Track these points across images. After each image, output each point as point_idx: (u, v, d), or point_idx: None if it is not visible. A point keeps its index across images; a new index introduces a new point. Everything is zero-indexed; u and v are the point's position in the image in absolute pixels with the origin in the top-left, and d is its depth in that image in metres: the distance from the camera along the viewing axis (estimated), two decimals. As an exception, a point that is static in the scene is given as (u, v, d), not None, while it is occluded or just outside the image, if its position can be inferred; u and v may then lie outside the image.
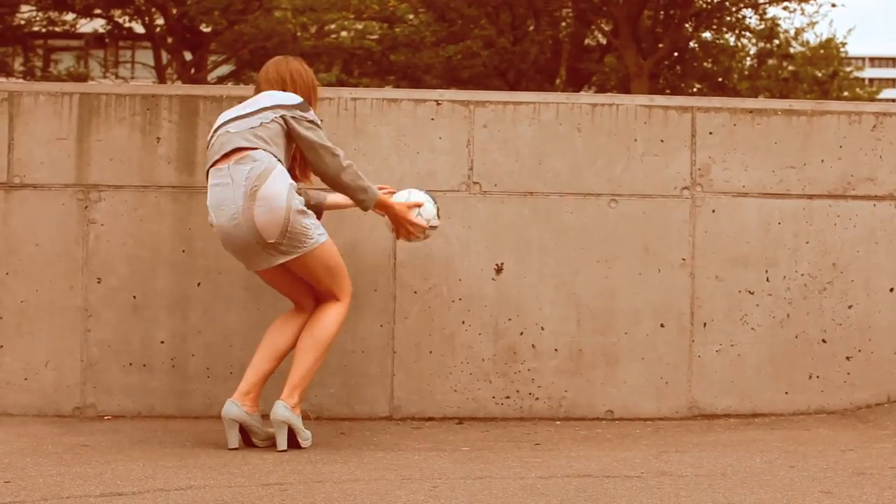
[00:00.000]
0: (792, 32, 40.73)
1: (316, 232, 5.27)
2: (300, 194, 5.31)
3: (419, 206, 5.58)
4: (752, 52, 37.38)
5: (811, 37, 45.90)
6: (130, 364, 6.07)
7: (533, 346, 6.19)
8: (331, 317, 5.38)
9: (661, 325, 6.24)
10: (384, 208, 5.51)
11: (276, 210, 5.14)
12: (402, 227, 5.56)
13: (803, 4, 28.24)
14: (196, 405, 6.09)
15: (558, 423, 6.12)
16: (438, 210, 5.67)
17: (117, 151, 6.08)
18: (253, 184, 5.14)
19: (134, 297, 6.07)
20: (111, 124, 6.08)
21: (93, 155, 6.07)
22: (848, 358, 6.35)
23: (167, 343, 6.08)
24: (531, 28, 30.60)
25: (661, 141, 6.25)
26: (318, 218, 5.53)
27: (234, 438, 5.26)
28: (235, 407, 5.25)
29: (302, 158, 5.45)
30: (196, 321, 6.09)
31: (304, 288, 5.47)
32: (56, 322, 6.05)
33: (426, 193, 5.66)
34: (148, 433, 5.65)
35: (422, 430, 5.85)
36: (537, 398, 6.20)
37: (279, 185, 5.16)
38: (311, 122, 5.33)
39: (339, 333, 5.45)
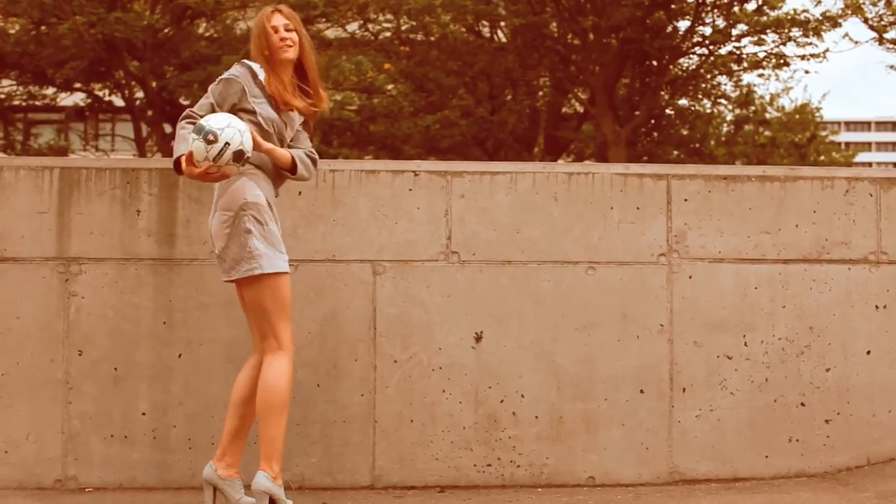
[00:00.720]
0: (767, 98, 41.09)
1: (263, 260, 5.23)
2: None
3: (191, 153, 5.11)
4: (728, 119, 37.64)
5: (786, 102, 46.19)
6: (112, 436, 6.07)
7: (513, 413, 6.21)
8: (277, 374, 5.26)
9: (641, 391, 6.27)
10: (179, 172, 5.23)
11: (223, 221, 5.25)
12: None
13: (777, 71, 28.40)
14: (178, 476, 6.08)
15: (540, 490, 6.13)
16: (211, 132, 5.02)
17: (98, 225, 6.11)
18: (219, 193, 5.29)
19: (115, 368, 6.08)
20: (91, 198, 6.12)
21: (73, 228, 6.10)
22: (827, 421, 6.38)
23: (148, 414, 6.09)
24: (509, 97, 30.78)
25: (637, 208, 6.31)
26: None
27: (209, 499, 5.32)
28: (209, 468, 5.34)
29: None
30: (177, 392, 6.10)
31: None
32: (37, 394, 6.05)
33: (205, 120, 5.10)
34: (129, 506, 5.64)
35: (404, 500, 5.85)
36: (518, 465, 6.21)
37: (234, 198, 5.26)
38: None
39: (291, 387, 5.30)
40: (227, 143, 5.01)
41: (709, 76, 29.47)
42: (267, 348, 5.31)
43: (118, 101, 30.28)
